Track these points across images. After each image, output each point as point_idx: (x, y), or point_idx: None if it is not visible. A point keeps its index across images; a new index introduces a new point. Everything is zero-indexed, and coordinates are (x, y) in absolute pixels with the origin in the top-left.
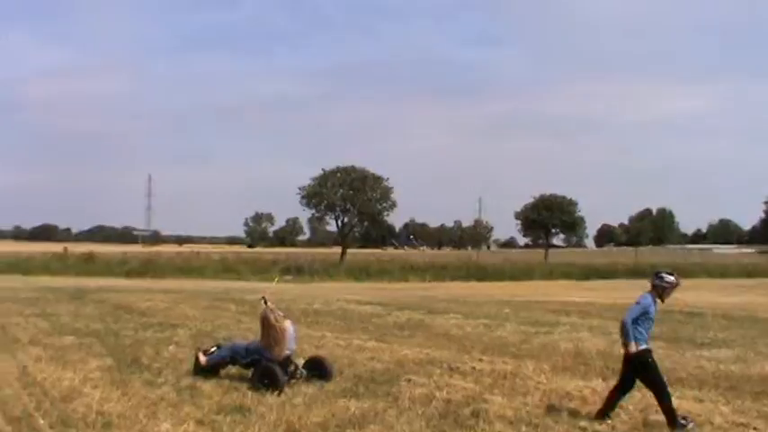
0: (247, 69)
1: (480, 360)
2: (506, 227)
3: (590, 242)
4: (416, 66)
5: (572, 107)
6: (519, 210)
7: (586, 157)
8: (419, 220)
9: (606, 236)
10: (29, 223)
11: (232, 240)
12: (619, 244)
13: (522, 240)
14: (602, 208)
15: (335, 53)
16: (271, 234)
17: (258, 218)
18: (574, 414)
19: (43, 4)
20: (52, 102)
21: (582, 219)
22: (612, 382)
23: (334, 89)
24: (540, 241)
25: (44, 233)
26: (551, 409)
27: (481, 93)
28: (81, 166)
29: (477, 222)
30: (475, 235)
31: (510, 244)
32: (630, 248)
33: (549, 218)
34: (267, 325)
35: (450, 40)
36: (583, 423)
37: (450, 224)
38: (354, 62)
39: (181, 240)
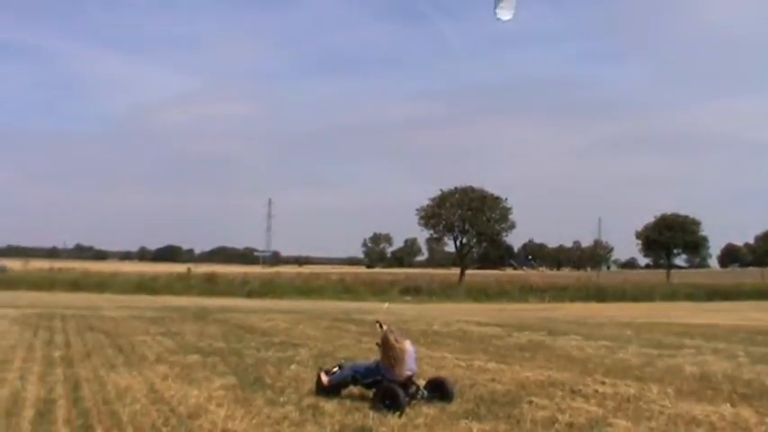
0: (366, 93)
1: (603, 383)
2: (627, 247)
3: (714, 262)
4: (535, 86)
5: (695, 125)
6: (639, 229)
7: (710, 176)
8: (537, 240)
9: (731, 256)
10: (153, 244)
11: (351, 261)
12: (744, 264)
13: (642, 261)
14: (727, 227)
15: (454, 77)
16: (389, 255)
17: (377, 238)
18: None
19: (172, 34)
20: (179, 127)
21: (705, 238)
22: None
23: (453, 112)
24: (662, 261)
25: (168, 254)
26: None
27: (601, 111)
28: (205, 188)
29: (597, 242)
30: (594, 255)
31: (630, 264)
32: (757, 269)
33: (670, 238)
34: (387, 346)
35: (569, 60)
36: None
37: (568, 244)
38: (472, 85)
39: (300, 261)
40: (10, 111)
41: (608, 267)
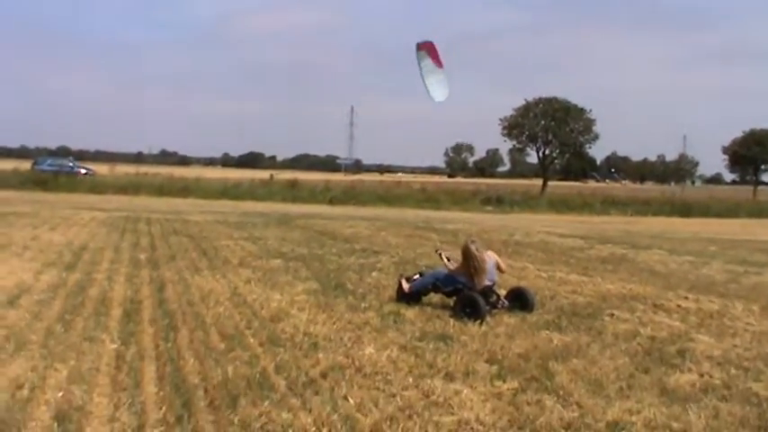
0: (442, 3)
1: (686, 298)
2: (713, 162)
3: None
4: None
5: None
6: (726, 144)
7: None
8: (621, 153)
9: None
10: (237, 151)
11: (432, 170)
12: None
13: (728, 177)
14: None
15: None
16: (471, 165)
17: (459, 148)
18: None
19: None
20: (264, 34)
21: None
22: None
23: (538, 21)
24: (749, 178)
25: (251, 160)
26: (762, 353)
27: (692, 21)
28: (288, 96)
29: (682, 157)
30: (679, 170)
31: (716, 180)
32: None
33: (759, 153)
34: (468, 255)
35: None
36: None
37: (652, 158)
38: None
39: (382, 169)
40: (99, 19)
41: (692, 182)
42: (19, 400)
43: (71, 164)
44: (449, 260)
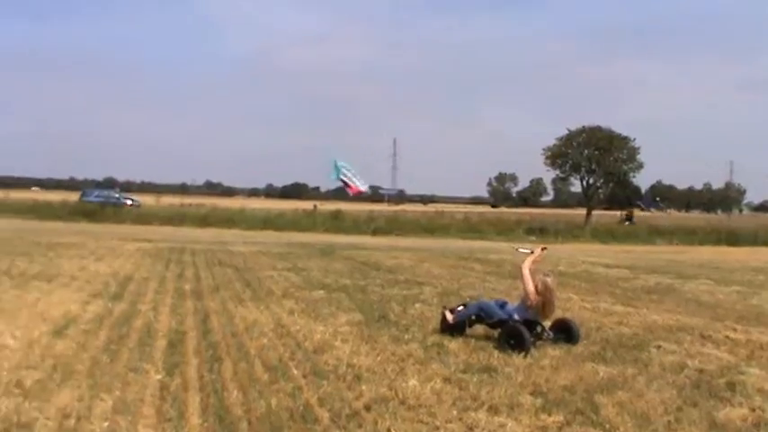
0: (491, 32)
1: (734, 329)
2: (760, 189)
3: None
4: (664, 25)
5: None
6: None
7: None
8: (666, 181)
9: None
10: (280, 182)
11: (476, 200)
12: None
13: None
14: None
15: (580, 16)
16: (514, 194)
17: (502, 178)
18: None
19: None
20: (306, 67)
21: None
22: None
23: (580, 51)
24: None
25: (294, 191)
26: None
27: (735, 51)
28: (331, 127)
29: (729, 184)
30: (725, 198)
31: (764, 207)
32: None
33: None
34: (546, 289)
35: None
36: None
37: (698, 186)
38: (602, 25)
39: (425, 200)
40: (144, 53)
41: (740, 210)
42: (66, 429)
43: (117, 195)
44: (531, 252)
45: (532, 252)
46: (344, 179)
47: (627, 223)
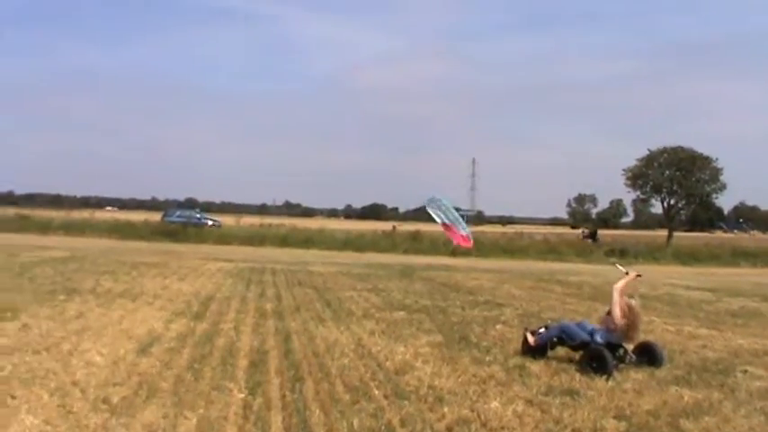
0: (566, 49)
1: None
2: None
3: None
4: (743, 41)
5: None
6: None
7: None
8: (750, 202)
9: None
10: (359, 202)
11: (555, 221)
12: None
13: None
14: None
15: (657, 34)
16: (594, 215)
17: (581, 199)
18: None
19: None
20: (382, 87)
21: None
22: None
23: (659, 69)
24: None
25: (373, 212)
26: None
27: None
28: (410, 147)
29: None
30: None
31: None
32: None
33: None
34: (633, 313)
35: None
36: None
37: None
38: (680, 41)
39: (504, 221)
40: (222, 74)
41: None
42: None
43: (198, 215)
44: (627, 273)
45: (627, 273)
46: (445, 221)
47: (590, 241)
